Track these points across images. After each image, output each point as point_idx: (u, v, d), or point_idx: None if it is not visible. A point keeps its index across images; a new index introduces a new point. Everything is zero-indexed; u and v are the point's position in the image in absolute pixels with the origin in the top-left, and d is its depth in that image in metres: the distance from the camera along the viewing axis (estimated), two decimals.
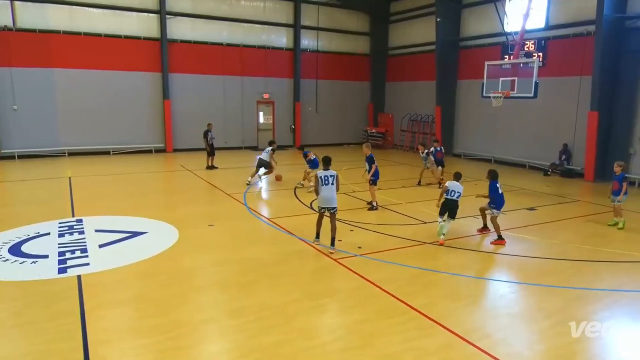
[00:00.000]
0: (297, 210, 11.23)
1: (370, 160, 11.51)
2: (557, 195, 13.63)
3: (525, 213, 11.58)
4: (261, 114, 24.24)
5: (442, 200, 9.06)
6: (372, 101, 26.98)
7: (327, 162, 8.41)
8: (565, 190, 14.48)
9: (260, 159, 14.58)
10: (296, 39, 24.15)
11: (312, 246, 8.46)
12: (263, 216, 10.75)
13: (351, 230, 9.57)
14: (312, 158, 13.58)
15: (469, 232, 9.77)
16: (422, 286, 6.87)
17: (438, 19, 21.18)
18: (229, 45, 22.61)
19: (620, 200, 10.19)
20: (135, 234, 9.03)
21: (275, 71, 24.03)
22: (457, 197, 9.02)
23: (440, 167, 14.77)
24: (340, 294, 6.53)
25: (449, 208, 9.00)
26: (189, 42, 21.75)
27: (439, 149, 14.82)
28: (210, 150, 17.10)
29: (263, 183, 14.82)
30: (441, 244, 8.72)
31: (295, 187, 13.72)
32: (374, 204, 11.44)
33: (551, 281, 7.14)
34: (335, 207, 8.24)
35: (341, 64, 25.76)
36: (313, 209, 11.30)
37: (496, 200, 9.01)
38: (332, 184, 8.17)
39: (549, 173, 17.07)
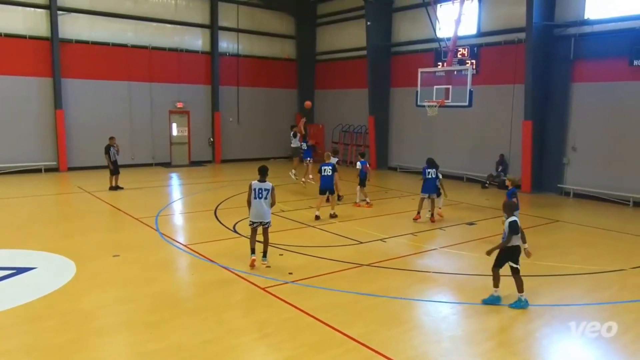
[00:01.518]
0: (218, 234, 11.00)
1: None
2: (496, 209, 14.47)
3: (465, 228, 12.18)
4: (174, 125, 23.65)
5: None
6: (299, 110, 27.27)
7: (262, 173, 8.57)
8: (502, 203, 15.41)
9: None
10: (213, 41, 23.95)
11: (236, 274, 8.31)
12: (179, 242, 10.41)
13: (281, 255, 9.52)
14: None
15: (409, 252, 10.08)
16: (359, 313, 6.96)
17: (368, 23, 22.00)
18: (135, 47, 21.92)
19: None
20: (20, 270, 8.37)
21: (190, 77, 23.63)
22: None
23: (359, 186, 14.53)
24: (270, 328, 6.44)
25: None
26: (86, 42, 20.82)
27: (363, 162, 14.56)
28: (114, 169, 16.37)
29: (180, 205, 14.37)
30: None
31: (215, 209, 13.45)
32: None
33: None
34: (268, 222, 8.62)
35: (265, 70, 25.88)
36: (237, 232, 11.13)
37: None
38: (266, 198, 8.41)
39: (486, 185, 18.13)
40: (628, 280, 8.52)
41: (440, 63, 18.36)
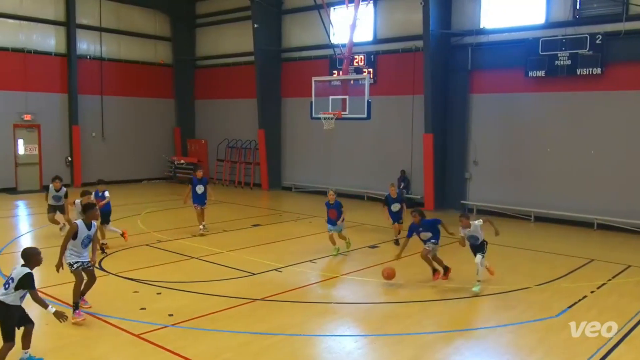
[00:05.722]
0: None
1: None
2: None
3: (367, 252, 12.59)
4: (21, 142, 21.98)
5: None
6: (178, 124, 26.68)
7: (85, 209, 8.31)
8: (407, 223, 16.13)
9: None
10: (70, 41, 22.73)
11: (101, 319, 7.82)
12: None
13: (158, 294, 9.17)
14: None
15: (308, 281, 10.16)
16: (253, 356, 6.86)
17: (255, 25, 22.20)
18: None
19: (340, 229, 12.06)
20: None
21: (41, 84, 22.18)
22: None
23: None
24: None
25: None
26: None
27: (100, 194, 12.37)
28: None
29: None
30: None
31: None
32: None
33: (399, 329, 7.82)
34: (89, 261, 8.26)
35: (135, 76, 25.06)
36: (103, 269, 10.50)
37: (437, 235, 10.09)
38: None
39: None
40: (533, 298, 9.30)
41: (335, 71, 18.98)
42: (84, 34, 23.36)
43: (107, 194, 12.46)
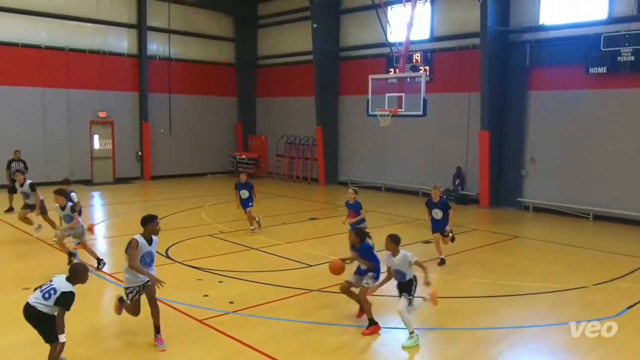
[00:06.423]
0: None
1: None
2: (454, 225, 14.79)
3: (421, 247, 12.41)
4: (96, 137, 22.94)
5: None
6: (240, 121, 27.15)
7: (144, 222, 6.99)
8: (462, 219, 15.84)
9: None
10: (141, 43, 23.52)
11: (168, 305, 8.07)
12: (102, 271, 10.03)
13: (220, 282, 9.38)
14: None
15: None
16: (309, 345, 6.92)
17: (314, 25, 22.27)
18: (49, 48, 21.20)
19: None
20: None
21: (115, 83, 23.05)
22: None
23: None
24: None
25: None
26: None
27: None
28: (13, 186, 15.54)
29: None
30: None
31: None
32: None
33: (453, 324, 7.70)
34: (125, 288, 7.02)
35: (201, 75, 25.64)
36: (170, 257, 10.86)
37: (377, 267, 7.55)
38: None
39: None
40: (590, 298, 8.94)
41: (392, 69, 18.81)
42: (154, 36, 24.09)
43: (74, 195, 11.35)
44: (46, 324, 5.73)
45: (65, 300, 5.68)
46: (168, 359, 6.51)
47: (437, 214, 10.81)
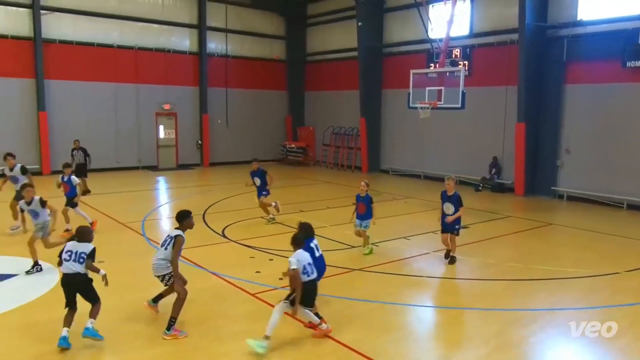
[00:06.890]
0: (207, 239, 10.92)
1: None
2: (489, 212, 14.55)
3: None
4: (161, 127, 23.54)
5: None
6: (290, 113, 27.27)
7: (180, 218, 6.80)
8: (497, 206, 15.51)
9: None
10: (201, 41, 23.89)
11: (226, 280, 8.26)
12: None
13: (270, 260, 9.51)
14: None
15: (402, 256, 10.08)
16: (351, 319, 6.95)
17: (359, 24, 22.06)
18: (120, 47, 21.81)
19: (367, 226, 9.90)
20: (1, 277, 8.30)
21: (178, 78, 23.54)
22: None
23: (70, 207, 11.24)
24: (260, 335, 6.40)
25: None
26: (70, 42, 20.67)
27: (66, 178, 11.19)
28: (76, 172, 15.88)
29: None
30: None
31: (204, 213, 13.37)
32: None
33: (486, 304, 7.56)
34: (164, 274, 6.57)
35: (254, 71, 25.84)
36: (227, 236, 11.09)
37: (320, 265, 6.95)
38: (166, 248, 6.55)
39: (480, 188, 18.20)
40: (622, 284, 8.59)
41: (432, 64, 18.44)
42: (213, 35, 24.39)
43: (74, 178, 11.30)
44: (89, 286, 6.28)
45: (94, 253, 6.31)
46: (224, 328, 6.66)
47: (449, 208, 9.47)
